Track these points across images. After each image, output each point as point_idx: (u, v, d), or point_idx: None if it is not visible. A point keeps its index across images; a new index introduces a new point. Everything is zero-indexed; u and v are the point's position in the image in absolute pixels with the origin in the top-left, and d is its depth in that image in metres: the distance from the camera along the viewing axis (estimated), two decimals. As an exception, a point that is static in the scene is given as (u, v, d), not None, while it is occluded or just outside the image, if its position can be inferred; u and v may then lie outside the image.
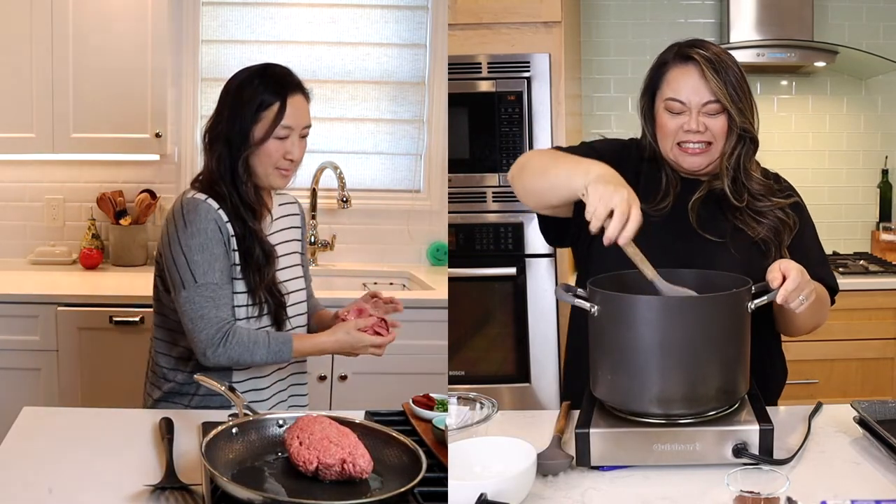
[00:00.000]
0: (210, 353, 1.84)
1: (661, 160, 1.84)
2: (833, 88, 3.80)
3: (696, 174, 1.82)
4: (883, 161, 3.82)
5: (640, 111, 1.87)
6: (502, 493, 1.30)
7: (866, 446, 1.55)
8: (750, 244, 1.79)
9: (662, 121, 1.79)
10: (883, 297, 3.25)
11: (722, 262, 1.70)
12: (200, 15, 3.45)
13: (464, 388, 2.72)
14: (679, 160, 1.80)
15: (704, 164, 1.79)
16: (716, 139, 1.77)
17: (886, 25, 3.74)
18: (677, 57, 1.79)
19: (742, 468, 1.34)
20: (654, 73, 1.83)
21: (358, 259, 3.57)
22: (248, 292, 1.92)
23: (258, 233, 1.95)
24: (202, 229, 1.88)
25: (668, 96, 1.78)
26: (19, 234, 3.46)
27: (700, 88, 1.75)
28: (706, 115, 1.75)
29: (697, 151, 1.77)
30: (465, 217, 3.17)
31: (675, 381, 1.47)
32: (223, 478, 1.29)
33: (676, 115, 1.77)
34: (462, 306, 3.11)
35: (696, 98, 1.75)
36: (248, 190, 1.94)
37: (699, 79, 1.75)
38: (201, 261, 1.87)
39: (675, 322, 1.46)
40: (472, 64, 3.11)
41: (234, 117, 1.92)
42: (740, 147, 1.79)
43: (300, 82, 1.97)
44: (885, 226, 3.77)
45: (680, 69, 1.77)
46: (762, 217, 1.80)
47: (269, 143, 1.91)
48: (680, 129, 1.77)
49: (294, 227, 2.13)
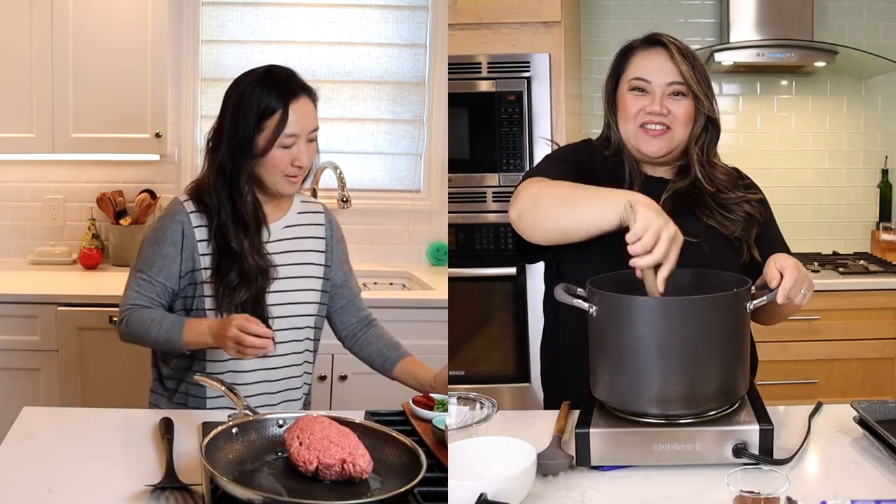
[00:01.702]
0: (119, 331, 1.94)
1: (624, 152, 1.83)
2: (833, 88, 3.80)
3: (656, 161, 1.82)
4: (883, 161, 3.82)
5: (603, 96, 1.87)
6: (502, 493, 1.30)
7: (866, 446, 1.55)
8: (723, 242, 1.79)
9: (625, 102, 1.79)
10: (883, 297, 3.25)
11: (696, 261, 1.65)
12: (200, 15, 3.45)
13: (464, 388, 2.72)
14: (640, 144, 1.79)
15: (664, 149, 1.78)
16: (676, 124, 1.77)
17: (886, 25, 3.74)
18: (645, 41, 1.80)
19: (742, 468, 1.34)
20: (620, 57, 1.84)
21: (358, 259, 3.53)
22: (215, 310, 1.89)
23: (245, 252, 1.89)
24: (162, 226, 1.91)
25: (632, 76, 1.79)
26: (19, 234, 3.46)
27: (666, 69, 1.76)
28: (670, 96, 1.76)
29: (658, 132, 1.77)
30: (465, 217, 3.17)
31: (674, 381, 1.47)
32: (223, 478, 1.29)
33: (640, 95, 1.78)
34: (462, 306, 3.11)
35: (662, 78, 1.76)
36: (245, 203, 1.89)
37: (667, 60, 1.76)
38: (148, 252, 1.92)
39: (674, 322, 1.46)
40: (472, 64, 3.11)
41: (235, 125, 1.87)
42: (705, 134, 1.80)
43: (304, 84, 1.93)
44: (885, 226, 3.77)
45: (647, 51, 1.79)
46: (732, 213, 1.80)
47: (275, 153, 1.87)
48: (642, 110, 1.77)
49: (314, 238, 2.05)
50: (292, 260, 2.00)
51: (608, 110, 1.86)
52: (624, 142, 1.83)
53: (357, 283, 2.18)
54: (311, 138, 1.92)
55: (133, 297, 1.91)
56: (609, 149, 1.86)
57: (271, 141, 1.86)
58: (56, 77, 3.10)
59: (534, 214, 1.67)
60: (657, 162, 1.83)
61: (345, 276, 2.12)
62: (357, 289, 2.16)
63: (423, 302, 2.99)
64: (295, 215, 2.03)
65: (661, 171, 1.85)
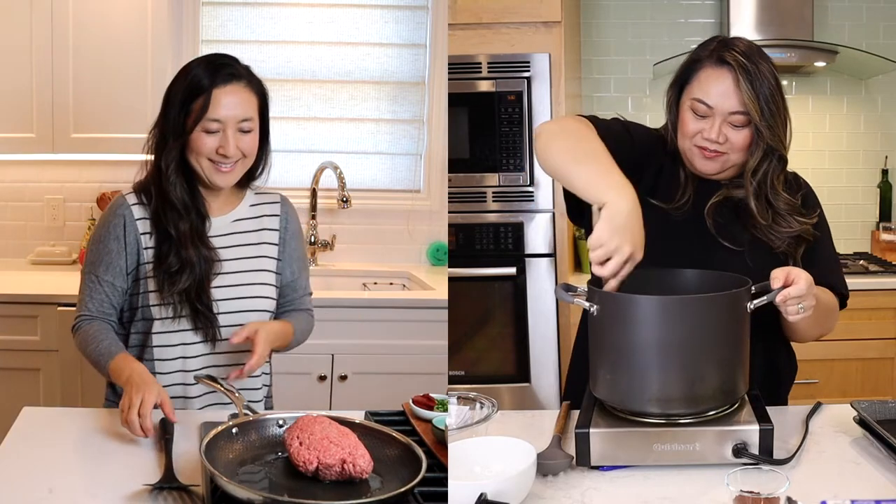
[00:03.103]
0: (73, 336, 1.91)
1: (679, 157, 1.81)
2: (833, 88, 3.80)
3: (708, 177, 1.79)
4: (883, 161, 3.82)
5: (665, 101, 1.83)
6: (502, 493, 1.30)
7: (866, 446, 1.55)
8: (768, 254, 1.75)
9: (685, 119, 1.75)
10: (883, 297, 3.25)
11: (738, 271, 1.64)
12: (200, 15, 3.45)
13: (464, 388, 2.72)
14: (693, 160, 1.76)
15: (717, 169, 1.76)
16: (734, 151, 1.72)
17: (886, 25, 3.74)
18: (713, 57, 1.72)
19: (742, 468, 1.34)
20: (687, 67, 1.77)
21: (358, 259, 3.57)
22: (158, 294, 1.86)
23: (183, 236, 1.85)
24: (104, 223, 1.90)
25: (695, 96, 1.72)
26: (19, 234, 3.46)
27: (730, 95, 1.69)
28: (730, 125, 1.70)
29: (712, 156, 1.73)
30: (465, 217, 3.17)
31: (673, 381, 1.47)
32: (223, 478, 1.29)
33: (700, 118, 1.72)
34: (462, 306, 3.11)
35: (724, 105, 1.69)
36: (174, 189, 1.85)
37: (731, 85, 1.68)
38: (94, 251, 1.89)
39: (673, 322, 1.46)
40: (472, 64, 3.11)
41: (167, 108, 1.85)
42: (766, 164, 1.74)
43: (243, 73, 1.86)
44: (885, 226, 3.77)
45: (713, 70, 1.71)
46: (781, 230, 1.76)
47: (198, 136, 1.82)
48: (699, 133, 1.72)
49: (266, 230, 2.00)
50: (243, 254, 1.95)
51: (669, 118, 1.82)
52: (680, 152, 1.80)
53: (308, 283, 2.09)
54: (243, 128, 1.85)
55: (84, 303, 1.89)
56: (668, 147, 1.83)
57: (194, 123, 1.82)
58: (56, 77, 3.10)
59: (546, 147, 1.69)
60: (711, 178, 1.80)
61: (293, 275, 2.03)
62: (304, 290, 2.07)
63: (423, 302, 2.99)
64: (246, 208, 1.99)
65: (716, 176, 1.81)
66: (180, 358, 1.89)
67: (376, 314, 2.88)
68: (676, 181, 1.79)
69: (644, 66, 3.73)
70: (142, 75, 3.16)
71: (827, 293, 1.72)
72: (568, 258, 3.20)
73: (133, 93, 3.17)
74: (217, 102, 1.82)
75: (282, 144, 3.42)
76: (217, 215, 1.95)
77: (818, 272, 1.61)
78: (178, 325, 1.88)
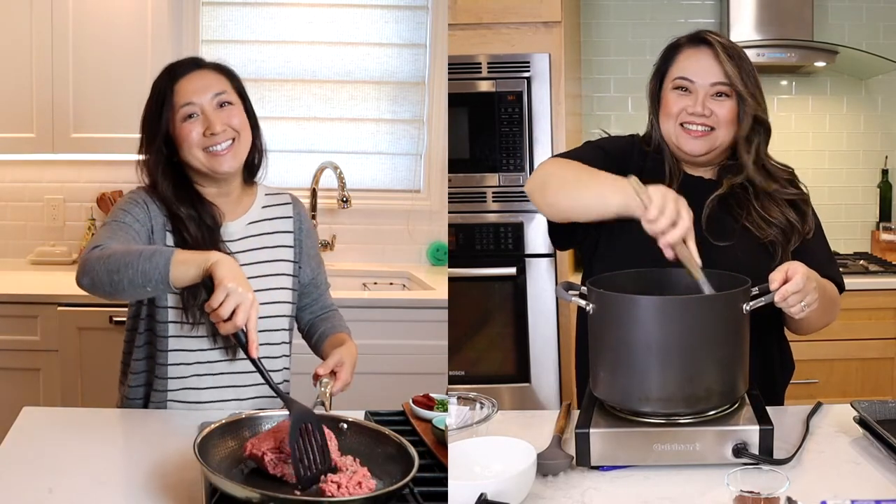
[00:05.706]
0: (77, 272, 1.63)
1: (665, 150, 1.82)
2: (833, 88, 3.80)
3: (696, 161, 1.80)
4: (883, 161, 3.82)
5: (648, 95, 1.85)
6: (502, 493, 1.30)
7: (866, 446, 1.55)
8: (756, 245, 1.76)
9: (668, 100, 1.78)
10: (883, 297, 3.25)
11: (726, 266, 1.65)
12: (200, 15, 3.45)
13: (464, 388, 2.72)
14: (680, 143, 1.77)
15: (705, 149, 1.77)
16: (719, 125, 1.75)
17: (886, 25, 3.74)
18: (690, 39, 1.78)
19: (742, 468, 1.34)
20: (666, 54, 1.82)
21: (358, 259, 3.57)
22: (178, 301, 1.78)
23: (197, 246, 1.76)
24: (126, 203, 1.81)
25: (676, 75, 1.77)
26: (19, 234, 3.46)
27: (711, 69, 1.73)
28: (713, 97, 1.74)
29: (699, 134, 1.75)
30: (465, 217, 3.17)
31: (672, 381, 1.47)
32: (223, 477, 1.29)
33: (683, 94, 1.76)
34: (462, 306, 3.11)
35: (706, 78, 1.73)
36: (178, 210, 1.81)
37: (712, 60, 1.74)
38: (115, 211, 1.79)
39: (671, 322, 1.46)
40: (472, 64, 3.11)
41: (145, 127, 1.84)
42: (757, 135, 1.77)
43: (204, 63, 1.87)
44: (885, 226, 3.77)
45: (693, 50, 1.77)
46: (771, 217, 1.77)
47: (180, 128, 1.80)
48: (684, 110, 1.75)
49: (282, 233, 1.95)
50: (259, 258, 1.90)
51: (651, 108, 1.85)
52: (665, 140, 1.81)
53: (325, 278, 2.07)
54: (220, 101, 1.82)
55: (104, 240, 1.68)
56: (650, 146, 1.85)
57: (173, 121, 1.80)
58: (56, 77, 3.10)
59: (542, 192, 1.72)
60: (697, 162, 1.81)
61: (312, 272, 2.01)
62: (325, 285, 2.06)
63: (423, 302, 2.99)
64: (259, 210, 1.94)
65: (700, 171, 1.83)
66: (195, 363, 1.84)
67: (376, 314, 2.88)
68: (661, 179, 1.80)
69: (644, 66, 3.68)
70: (142, 75, 3.15)
71: (828, 283, 1.73)
72: (568, 258, 3.19)
73: (133, 93, 3.13)
74: (183, 90, 1.81)
75: (282, 144, 3.42)
76: (231, 219, 1.90)
77: (817, 267, 1.61)
78: (196, 331, 1.82)
